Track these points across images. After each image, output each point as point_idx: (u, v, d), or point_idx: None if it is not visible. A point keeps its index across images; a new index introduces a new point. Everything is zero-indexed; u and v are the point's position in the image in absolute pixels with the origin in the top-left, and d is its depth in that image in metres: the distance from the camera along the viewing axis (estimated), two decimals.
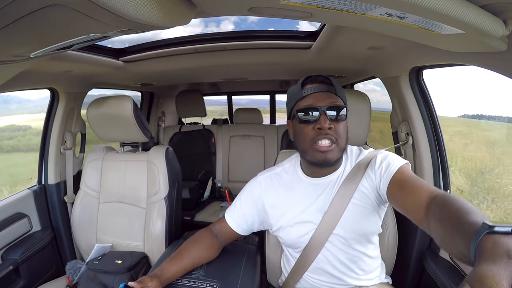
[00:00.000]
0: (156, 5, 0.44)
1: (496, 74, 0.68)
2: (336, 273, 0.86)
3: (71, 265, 1.26)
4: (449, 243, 0.51)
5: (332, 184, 0.85)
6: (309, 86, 0.80)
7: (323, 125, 0.75)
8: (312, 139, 0.77)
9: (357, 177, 0.82)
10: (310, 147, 0.78)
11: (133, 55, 1.35)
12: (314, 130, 0.77)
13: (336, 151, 0.77)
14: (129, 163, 1.37)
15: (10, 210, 1.27)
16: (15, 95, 4.36)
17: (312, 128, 0.77)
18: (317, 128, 0.76)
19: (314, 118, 0.77)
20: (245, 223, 0.92)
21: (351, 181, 0.82)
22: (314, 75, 0.81)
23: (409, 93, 1.13)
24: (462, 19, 0.47)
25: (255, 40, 1.23)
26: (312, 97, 0.78)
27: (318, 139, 0.76)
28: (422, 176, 1.13)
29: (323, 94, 0.78)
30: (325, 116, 0.76)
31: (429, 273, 1.05)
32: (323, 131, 0.75)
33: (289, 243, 0.90)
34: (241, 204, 0.93)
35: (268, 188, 0.91)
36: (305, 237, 0.85)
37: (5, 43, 0.56)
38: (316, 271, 0.88)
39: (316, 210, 0.84)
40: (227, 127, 2.52)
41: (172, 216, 1.32)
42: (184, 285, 0.87)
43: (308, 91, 0.79)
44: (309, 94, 0.79)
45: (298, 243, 0.87)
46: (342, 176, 0.85)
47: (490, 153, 2.50)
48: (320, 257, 0.85)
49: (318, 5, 0.48)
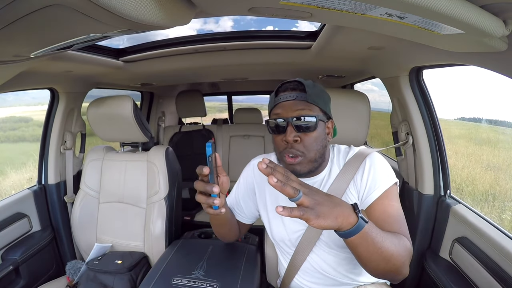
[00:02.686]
0: (156, 5, 0.44)
1: (496, 74, 0.68)
2: (328, 274, 0.84)
3: (71, 265, 1.25)
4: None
5: (317, 186, 0.82)
6: (281, 94, 0.77)
7: (287, 138, 0.72)
8: (281, 151, 0.76)
9: (344, 181, 0.78)
10: (281, 157, 0.77)
11: (133, 55, 1.35)
12: (282, 142, 0.75)
13: (305, 163, 0.74)
14: (129, 163, 1.37)
15: (10, 210, 1.27)
16: None
17: (281, 139, 0.75)
18: (283, 141, 0.74)
19: (281, 129, 0.74)
20: (241, 209, 0.93)
21: (339, 185, 0.78)
22: (288, 81, 0.78)
23: (409, 93, 1.13)
24: (462, 19, 0.47)
25: (255, 40, 1.23)
26: (281, 107, 0.75)
27: (285, 153, 0.74)
28: (422, 176, 1.13)
29: (292, 102, 0.74)
30: (292, 127, 0.73)
31: (429, 273, 1.05)
32: (289, 144, 0.73)
33: (276, 239, 0.89)
34: (238, 189, 0.94)
35: (259, 173, 0.89)
36: (295, 235, 0.84)
37: (5, 43, 0.56)
38: (309, 272, 0.87)
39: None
40: (227, 127, 2.52)
41: (172, 216, 1.32)
42: (184, 285, 0.87)
43: (279, 99, 0.76)
44: (279, 102, 0.76)
45: (286, 241, 0.86)
46: (328, 177, 0.82)
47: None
48: (310, 258, 0.84)
49: (318, 5, 0.48)
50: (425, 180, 1.13)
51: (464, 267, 0.93)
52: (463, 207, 1.02)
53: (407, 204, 1.22)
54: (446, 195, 1.11)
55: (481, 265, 0.84)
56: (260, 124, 2.50)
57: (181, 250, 1.09)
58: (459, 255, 0.95)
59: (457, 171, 3.16)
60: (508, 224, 2.40)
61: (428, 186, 1.13)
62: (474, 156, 3.37)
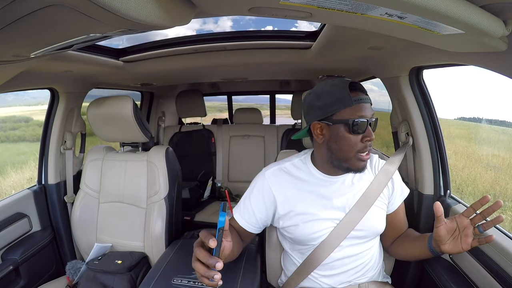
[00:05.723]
0: (156, 5, 0.44)
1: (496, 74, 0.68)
2: (343, 269, 0.87)
3: (71, 265, 1.26)
4: (402, 250, 0.95)
5: (348, 183, 0.88)
6: (359, 94, 0.79)
7: (372, 137, 0.79)
8: (359, 150, 0.79)
9: (383, 183, 0.89)
10: (354, 156, 0.80)
11: (133, 55, 1.35)
12: (361, 142, 0.79)
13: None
14: (129, 163, 1.37)
15: (10, 210, 1.27)
16: None
17: (360, 139, 0.79)
18: (365, 140, 0.79)
19: (363, 130, 0.78)
20: (254, 220, 0.90)
21: (377, 186, 0.88)
22: (354, 82, 0.81)
23: (409, 93, 1.13)
24: (462, 19, 0.47)
25: (255, 40, 1.23)
26: (362, 108, 0.78)
27: (363, 151, 0.80)
28: (422, 176, 1.14)
29: (369, 105, 0.80)
30: (371, 128, 0.79)
31: (429, 273, 1.05)
32: (369, 142, 0.79)
33: (300, 239, 0.88)
34: (251, 200, 0.91)
35: (277, 182, 0.89)
36: (320, 233, 0.85)
37: (5, 43, 0.56)
38: (324, 268, 0.88)
39: (336, 208, 0.86)
40: (227, 127, 2.52)
41: (172, 216, 1.32)
42: (184, 285, 0.87)
43: (361, 100, 0.78)
44: (362, 103, 0.78)
45: (310, 240, 0.87)
46: (361, 177, 0.90)
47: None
48: (333, 254, 0.86)
49: (318, 5, 0.48)
50: (425, 180, 1.13)
51: (464, 267, 0.93)
52: (463, 207, 1.02)
53: (407, 204, 1.21)
54: (446, 195, 1.11)
55: (481, 265, 0.85)
56: (260, 124, 2.50)
57: (181, 250, 1.09)
58: (459, 255, 0.95)
59: (457, 171, 3.16)
60: (509, 224, 2.40)
61: (428, 186, 1.13)
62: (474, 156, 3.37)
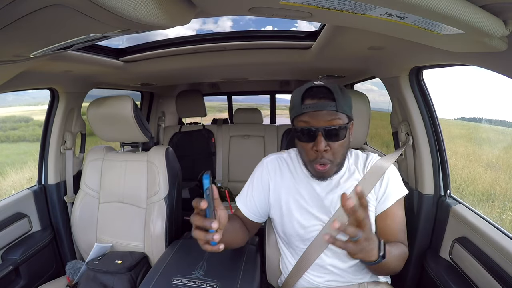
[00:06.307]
0: (156, 5, 0.44)
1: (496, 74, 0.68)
2: (338, 269, 0.86)
3: (71, 265, 1.26)
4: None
5: (335, 184, 0.86)
6: (309, 102, 0.76)
7: (318, 148, 0.75)
8: (311, 160, 0.78)
9: (370, 184, 0.84)
10: (309, 163, 0.81)
11: (133, 55, 1.35)
12: (312, 150, 0.77)
13: (332, 168, 0.80)
14: (129, 163, 1.37)
15: (10, 210, 1.27)
16: None
17: (310, 147, 0.77)
18: (314, 150, 0.76)
19: (310, 138, 0.76)
20: (255, 208, 0.91)
21: (363, 187, 0.84)
22: (316, 87, 0.77)
23: (409, 93, 1.13)
24: (462, 19, 0.47)
25: (255, 40, 1.23)
26: (311, 116, 0.75)
27: (315, 162, 0.78)
28: (422, 176, 1.14)
29: (322, 112, 0.75)
30: (322, 136, 0.74)
31: (429, 273, 1.05)
32: (319, 153, 0.76)
33: (291, 232, 0.88)
34: (252, 188, 0.92)
35: (273, 170, 0.91)
36: (309, 230, 0.85)
37: (5, 43, 0.56)
38: (318, 269, 0.88)
39: (323, 208, 0.85)
40: (227, 127, 2.52)
41: (172, 216, 1.32)
42: (184, 285, 0.87)
43: (307, 108, 0.75)
44: (309, 111, 0.75)
45: (299, 235, 0.87)
46: (348, 178, 0.87)
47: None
48: (323, 255, 0.85)
49: (318, 5, 0.48)
50: (425, 180, 1.13)
51: (464, 267, 0.93)
52: (463, 207, 1.02)
53: (407, 204, 1.22)
54: (446, 195, 1.11)
55: (481, 265, 0.84)
56: (260, 124, 2.50)
57: (181, 250, 1.09)
58: (459, 255, 0.95)
59: (457, 171, 3.17)
60: (509, 224, 2.40)
61: (428, 186, 1.13)
62: (474, 155, 3.38)
